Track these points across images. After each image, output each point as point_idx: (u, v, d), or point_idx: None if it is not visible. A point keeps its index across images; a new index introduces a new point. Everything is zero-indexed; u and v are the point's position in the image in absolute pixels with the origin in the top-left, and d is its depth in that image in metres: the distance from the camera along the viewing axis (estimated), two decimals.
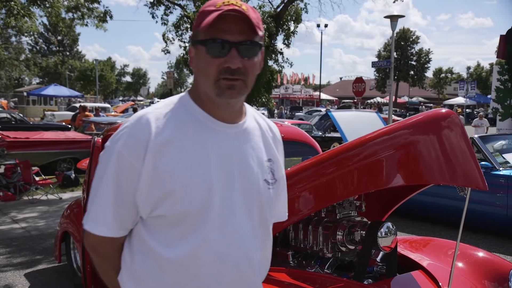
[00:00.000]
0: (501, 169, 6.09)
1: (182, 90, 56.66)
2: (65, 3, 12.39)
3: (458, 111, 34.34)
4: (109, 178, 1.28)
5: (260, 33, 1.29)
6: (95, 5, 12.57)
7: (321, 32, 41.79)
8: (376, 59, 50.95)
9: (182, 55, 15.29)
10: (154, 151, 1.25)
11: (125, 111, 27.09)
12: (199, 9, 1.32)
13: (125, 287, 1.35)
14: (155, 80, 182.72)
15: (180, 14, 14.44)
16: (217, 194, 1.29)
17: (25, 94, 34.26)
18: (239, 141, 1.36)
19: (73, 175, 9.19)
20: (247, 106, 1.46)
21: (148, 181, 1.26)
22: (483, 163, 6.02)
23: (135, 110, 18.91)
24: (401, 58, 52.67)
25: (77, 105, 21.20)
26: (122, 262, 1.37)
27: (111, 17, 13.12)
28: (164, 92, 62.24)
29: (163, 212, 1.27)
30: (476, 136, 6.42)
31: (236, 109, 1.37)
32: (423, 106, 44.45)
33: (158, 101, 2.90)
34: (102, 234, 1.31)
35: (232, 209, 1.31)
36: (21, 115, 18.91)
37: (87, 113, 14.46)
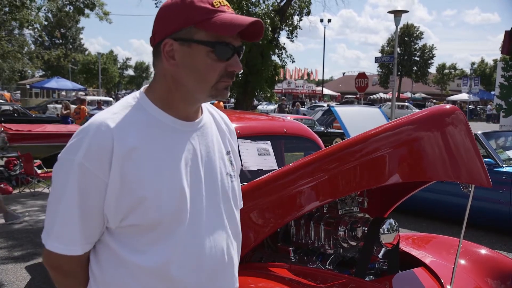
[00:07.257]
0: (504, 166, 6.06)
1: None
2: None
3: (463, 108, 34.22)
4: (72, 193, 1.18)
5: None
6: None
7: (325, 27, 41.73)
8: (379, 55, 50.79)
9: None
10: (120, 160, 1.17)
11: None
12: (187, 2, 1.21)
13: None
14: None
15: None
16: (188, 197, 1.25)
17: (28, 86, 34.33)
18: (201, 138, 1.33)
19: None
20: None
21: (117, 191, 1.18)
22: (486, 159, 5.99)
23: None
24: (405, 53, 52.50)
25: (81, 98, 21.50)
26: (90, 275, 1.29)
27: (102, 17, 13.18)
28: None
29: (134, 221, 1.21)
30: (479, 132, 6.38)
31: (198, 106, 1.36)
32: (432, 103, 43.49)
33: None
34: (72, 254, 1.22)
35: (201, 208, 1.28)
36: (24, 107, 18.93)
37: (82, 106, 14.84)
